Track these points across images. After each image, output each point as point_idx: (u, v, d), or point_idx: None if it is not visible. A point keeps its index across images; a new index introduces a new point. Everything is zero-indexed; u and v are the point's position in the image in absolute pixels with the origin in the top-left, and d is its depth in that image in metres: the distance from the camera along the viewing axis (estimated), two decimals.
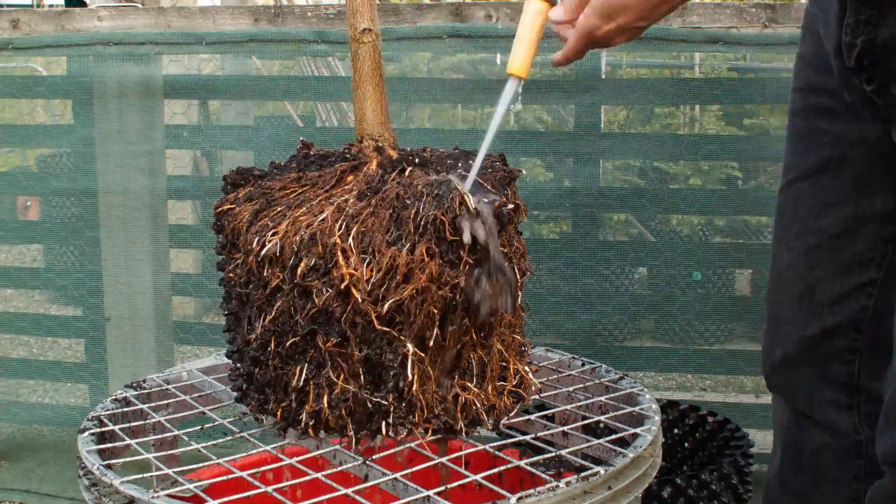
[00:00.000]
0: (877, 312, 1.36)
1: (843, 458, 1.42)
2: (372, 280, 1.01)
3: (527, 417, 1.15)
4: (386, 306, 1.00)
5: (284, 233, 1.05)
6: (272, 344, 1.08)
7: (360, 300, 1.00)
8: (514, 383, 1.15)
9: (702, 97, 2.47)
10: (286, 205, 1.10)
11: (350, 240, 1.02)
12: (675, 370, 2.69)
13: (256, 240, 1.07)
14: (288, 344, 1.05)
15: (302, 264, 1.03)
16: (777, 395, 1.50)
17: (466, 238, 0.99)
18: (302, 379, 1.05)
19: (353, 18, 1.20)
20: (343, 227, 1.03)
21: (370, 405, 1.03)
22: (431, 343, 1.03)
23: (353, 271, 1.01)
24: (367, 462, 1.02)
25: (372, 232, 1.02)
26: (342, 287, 1.01)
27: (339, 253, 1.01)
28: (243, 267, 1.11)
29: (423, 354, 1.03)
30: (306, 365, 1.05)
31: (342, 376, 1.03)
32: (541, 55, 1.31)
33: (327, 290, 1.02)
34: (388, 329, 1.01)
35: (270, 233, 1.06)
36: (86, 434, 1.13)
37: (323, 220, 1.04)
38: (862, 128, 1.30)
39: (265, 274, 1.06)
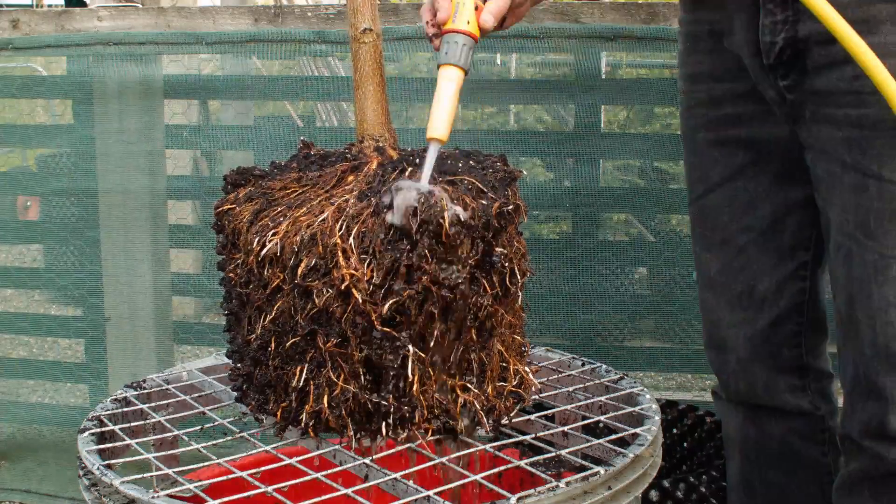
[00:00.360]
0: (812, 293, 1.47)
1: (808, 436, 1.51)
2: (372, 280, 1.01)
3: (527, 417, 1.15)
4: (386, 307, 1.00)
5: (285, 233, 1.05)
6: (272, 344, 1.08)
7: (360, 300, 1.00)
8: (515, 384, 1.15)
9: None
10: (286, 205, 1.10)
11: (351, 240, 1.02)
12: (675, 370, 2.69)
13: (257, 240, 1.07)
14: (288, 344, 1.05)
15: (302, 264, 1.03)
16: (731, 404, 1.57)
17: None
18: (302, 379, 1.05)
19: (353, 18, 1.20)
20: (344, 227, 1.03)
21: (370, 406, 1.03)
22: (432, 343, 1.03)
23: (353, 272, 1.01)
24: (367, 462, 1.02)
25: (373, 232, 1.02)
26: (343, 287, 1.01)
27: (340, 253, 1.01)
28: (243, 267, 1.11)
29: (423, 355, 1.03)
30: (306, 365, 1.05)
31: (342, 376, 1.03)
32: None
33: (328, 291, 1.02)
34: (388, 329, 1.01)
35: (271, 233, 1.06)
36: (86, 434, 1.13)
37: (323, 220, 1.04)
38: (772, 127, 1.37)
39: (265, 274, 1.06)
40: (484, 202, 1.05)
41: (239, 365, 1.18)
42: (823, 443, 1.52)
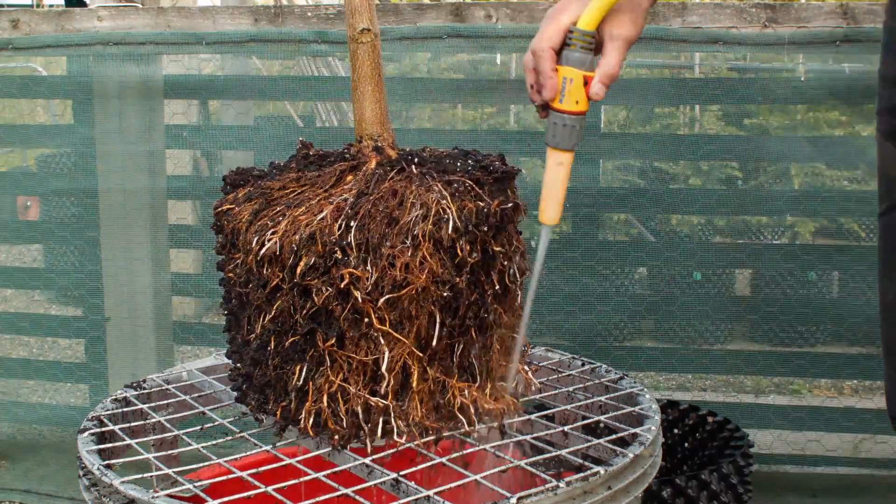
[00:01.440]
0: None
1: None
2: (371, 279, 1.01)
3: (527, 417, 1.15)
4: (384, 305, 1.00)
5: (284, 232, 1.05)
6: (272, 343, 1.08)
7: (359, 299, 1.00)
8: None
9: (702, 97, 2.46)
10: (285, 204, 1.10)
11: (350, 238, 1.02)
12: (675, 370, 2.69)
13: (256, 239, 1.07)
14: (287, 343, 1.05)
15: (301, 263, 1.03)
16: None
17: None
18: (301, 378, 1.05)
19: (351, 18, 1.20)
20: (343, 225, 1.03)
21: (370, 404, 1.03)
22: (433, 343, 1.03)
23: (352, 270, 1.01)
24: (367, 462, 1.02)
25: (371, 231, 1.02)
26: (342, 286, 1.01)
27: (339, 252, 1.01)
28: (243, 266, 1.11)
29: (422, 354, 1.03)
30: (305, 364, 1.05)
31: (341, 375, 1.03)
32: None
33: (327, 289, 1.02)
34: (387, 329, 1.01)
35: (270, 232, 1.06)
36: (86, 434, 1.13)
37: (322, 218, 1.04)
38: None
39: (265, 273, 1.06)
40: (482, 203, 1.05)
41: (238, 365, 1.18)
42: None
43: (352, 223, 1.03)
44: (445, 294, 1.02)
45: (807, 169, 3.91)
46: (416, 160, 1.13)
